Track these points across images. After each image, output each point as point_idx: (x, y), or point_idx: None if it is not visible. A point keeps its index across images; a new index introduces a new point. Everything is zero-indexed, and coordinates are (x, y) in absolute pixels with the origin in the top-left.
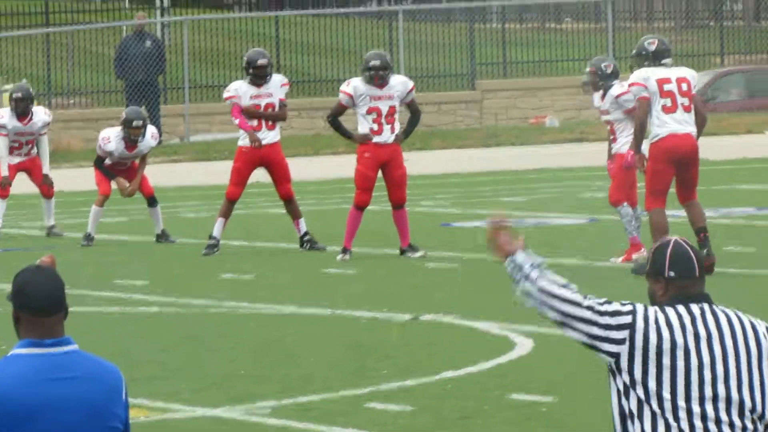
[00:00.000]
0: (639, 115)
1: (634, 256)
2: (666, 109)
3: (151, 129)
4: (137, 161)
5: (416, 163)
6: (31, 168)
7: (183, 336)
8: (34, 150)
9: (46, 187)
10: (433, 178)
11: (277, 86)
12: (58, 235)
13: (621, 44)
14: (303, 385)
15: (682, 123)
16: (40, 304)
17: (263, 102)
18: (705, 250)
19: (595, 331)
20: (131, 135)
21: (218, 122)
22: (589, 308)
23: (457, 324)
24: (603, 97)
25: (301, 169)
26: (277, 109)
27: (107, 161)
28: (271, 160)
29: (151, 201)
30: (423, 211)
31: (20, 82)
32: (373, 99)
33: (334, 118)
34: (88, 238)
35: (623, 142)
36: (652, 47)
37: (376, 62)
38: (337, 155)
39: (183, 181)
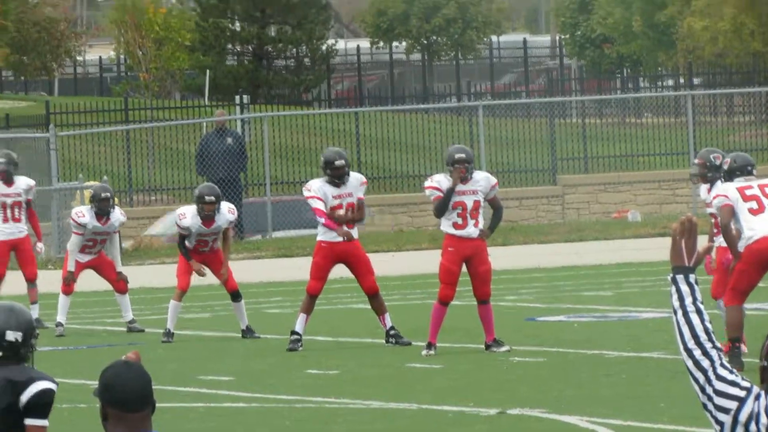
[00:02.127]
0: (723, 222)
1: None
2: (753, 212)
3: (227, 204)
4: (221, 248)
5: (498, 257)
6: (100, 265)
7: (269, 430)
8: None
9: (122, 284)
10: (516, 273)
11: (356, 186)
12: (138, 330)
13: (702, 138)
14: None
15: None
16: (129, 399)
17: (345, 201)
18: None
19: (708, 390)
20: (205, 210)
21: (300, 218)
22: (713, 368)
23: (543, 417)
24: (710, 189)
25: (383, 264)
26: (356, 208)
27: (188, 243)
28: (350, 254)
29: (235, 296)
30: (507, 305)
31: (102, 180)
32: (458, 194)
33: (440, 212)
34: (168, 334)
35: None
36: (725, 166)
37: (461, 155)
38: (419, 251)
39: (266, 277)
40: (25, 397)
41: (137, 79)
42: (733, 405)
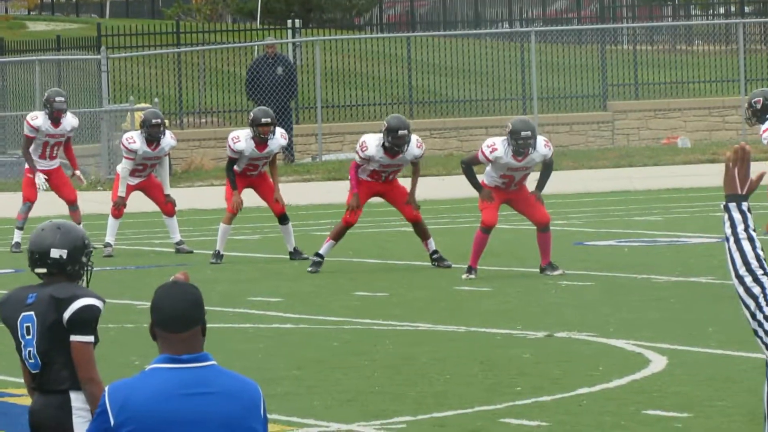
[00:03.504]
0: None
1: None
2: None
3: (280, 129)
4: (267, 171)
5: (549, 182)
6: (148, 187)
7: (317, 353)
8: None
9: (170, 206)
10: (565, 197)
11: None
12: (187, 251)
13: (752, 66)
14: (438, 402)
15: None
16: (176, 319)
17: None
18: None
19: (759, 316)
20: (260, 133)
21: (350, 142)
22: (764, 294)
23: (591, 341)
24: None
25: (433, 188)
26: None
27: (238, 167)
28: (388, 189)
29: (283, 219)
30: (556, 230)
31: (153, 103)
32: (510, 169)
33: (468, 167)
34: (217, 255)
35: None
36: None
37: (527, 133)
38: None
39: (315, 200)
40: (67, 314)
41: (189, 2)
42: None
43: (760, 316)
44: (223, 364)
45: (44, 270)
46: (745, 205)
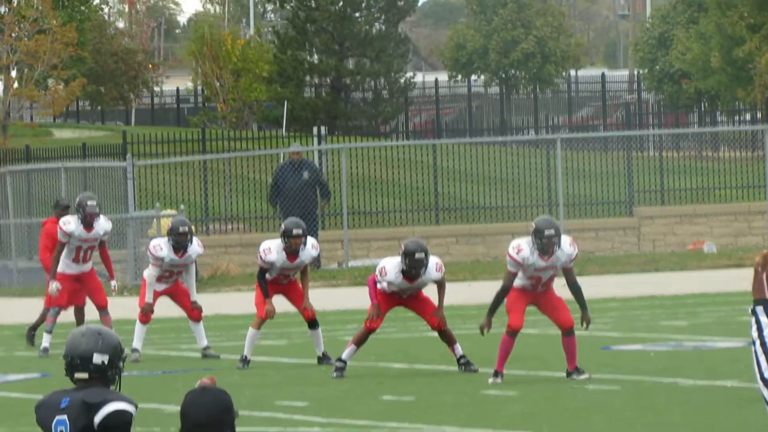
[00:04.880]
0: None
1: None
2: None
3: (311, 240)
4: (298, 279)
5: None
6: (175, 293)
7: None
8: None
9: (197, 312)
10: (592, 302)
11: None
12: (214, 356)
13: None
14: None
15: None
16: (204, 424)
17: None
18: None
19: None
20: (292, 245)
21: (376, 248)
22: None
23: None
24: None
25: (460, 293)
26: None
27: (269, 275)
28: (409, 301)
29: (313, 324)
30: (583, 334)
31: (179, 210)
32: (537, 270)
33: (504, 290)
34: (244, 360)
35: None
36: None
37: (550, 232)
38: (496, 280)
39: (342, 305)
40: (98, 418)
41: (214, 110)
42: None
43: None
44: None
45: (86, 375)
46: None
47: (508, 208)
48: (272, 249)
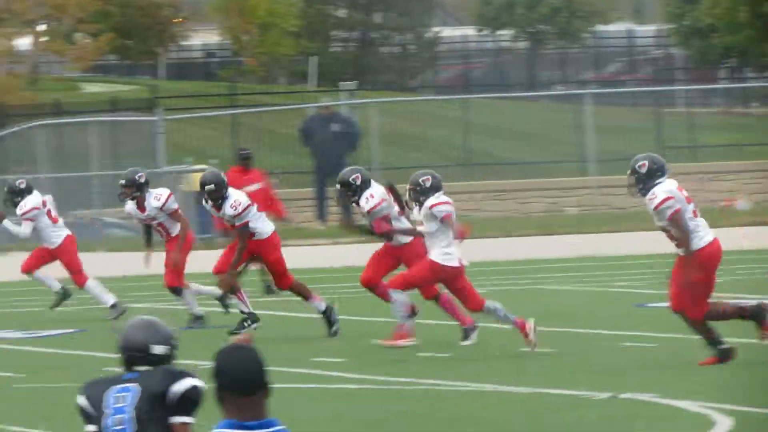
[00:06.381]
0: None
1: None
2: None
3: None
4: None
5: (609, 244)
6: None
7: (383, 413)
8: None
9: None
10: (625, 259)
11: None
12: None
13: None
14: None
15: None
16: (241, 383)
17: None
18: None
19: None
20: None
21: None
22: None
23: (655, 402)
24: None
25: (491, 250)
26: None
27: None
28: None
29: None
30: (616, 291)
31: (210, 164)
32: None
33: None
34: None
35: None
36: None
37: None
38: (527, 236)
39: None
40: (178, 386)
41: (242, 65)
42: None
43: None
44: (288, 426)
45: (148, 367)
46: None
47: (538, 164)
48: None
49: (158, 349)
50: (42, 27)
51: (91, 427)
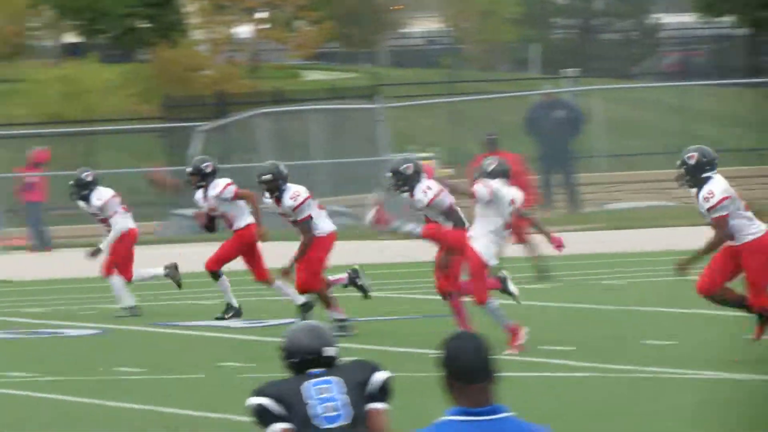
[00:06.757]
0: None
1: None
2: None
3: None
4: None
5: None
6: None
7: (609, 401)
8: None
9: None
10: None
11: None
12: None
13: None
14: None
15: None
16: (471, 371)
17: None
18: None
19: None
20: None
21: (628, 191)
22: None
23: None
24: None
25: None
26: None
27: None
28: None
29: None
30: None
31: (435, 152)
32: None
33: None
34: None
35: None
36: (692, 161)
37: None
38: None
39: (600, 249)
40: (380, 375)
41: (462, 52)
42: None
43: None
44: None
45: (323, 369)
46: None
47: (763, 151)
48: None
49: (329, 351)
50: (262, 14)
51: (280, 425)
